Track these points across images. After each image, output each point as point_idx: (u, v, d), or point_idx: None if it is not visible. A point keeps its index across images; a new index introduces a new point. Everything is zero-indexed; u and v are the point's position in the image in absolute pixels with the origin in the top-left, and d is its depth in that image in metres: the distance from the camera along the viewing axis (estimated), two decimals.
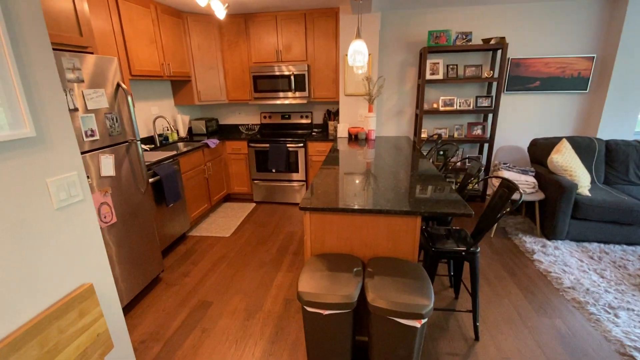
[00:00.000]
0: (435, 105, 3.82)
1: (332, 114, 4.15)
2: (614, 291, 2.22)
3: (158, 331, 2.01)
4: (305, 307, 1.43)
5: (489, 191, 3.92)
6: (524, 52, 3.63)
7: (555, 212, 2.83)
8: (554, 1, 3.42)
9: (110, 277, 1.29)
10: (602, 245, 2.82)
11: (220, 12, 2.79)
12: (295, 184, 3.94)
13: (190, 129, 4.20)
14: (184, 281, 2.51)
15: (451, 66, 3.67)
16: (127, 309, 2.20)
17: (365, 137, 3.64)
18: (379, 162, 2.50)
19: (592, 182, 3.17)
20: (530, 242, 2.90)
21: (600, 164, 3.20)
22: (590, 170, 3.18)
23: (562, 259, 2.62)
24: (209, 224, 3.52)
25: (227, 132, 4.32)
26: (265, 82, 3.84)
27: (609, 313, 2.02)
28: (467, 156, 3.98)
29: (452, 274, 2.33)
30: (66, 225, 1.09)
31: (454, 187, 2.15)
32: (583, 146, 3.19)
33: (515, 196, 2.83)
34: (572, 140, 3.21)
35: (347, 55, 3.59)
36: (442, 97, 3.76)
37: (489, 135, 3.75)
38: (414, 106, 4.02)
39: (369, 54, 3.56)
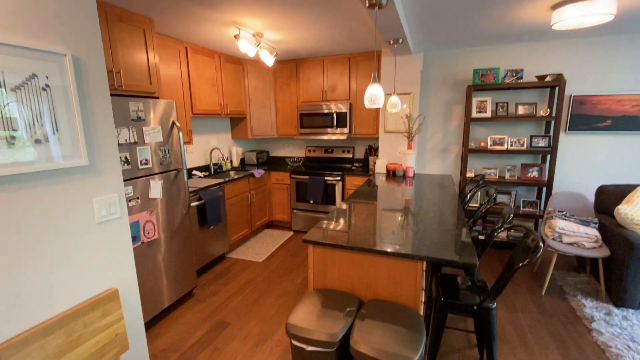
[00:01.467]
0: (483, 144, 3.61)
1: (374, 150, 4.20)
2: None
3: (178, 343, 2.19)
4: (291, 339, 1.46)
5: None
6: (590, 89, 3.27)
7: (623, 273, 2.37)
8: (618, 35, 3.08)
9: (135, 286, 1.51)
10: None
11: (269, 60, 3.17)
12: None
13: (243, 160, 4.65)
14: (212, 299, 2.71)
15: (501, 104, 3.48)
16: (157, 318, 2.46)
17: (403, 174, 3.59)
18: (405, 202, 2.45)
19: None
20: (591, 307, 2.44)
21: None
22: None
23: (629, 332, 2.15)
24: (247, 247, 3.75)
25: (275, 164, 4.66)
26: (310, 119, 4.12)
27: None
28: (522, 202, 3.61)
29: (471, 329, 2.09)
30: (104, 237, 1.35)
31: (493, 228, 1.99)
32: None
33: (536, 244, 2.45)
34: None
35: (388, 94, 3.68)
36: (490, 136, 3.55)
37: (546, 179, 3.37)
38: (461, 144, 3.85)
39: (410, 93, 3.60)
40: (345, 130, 3.97)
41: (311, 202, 4.05)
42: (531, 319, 2.38)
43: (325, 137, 4.09)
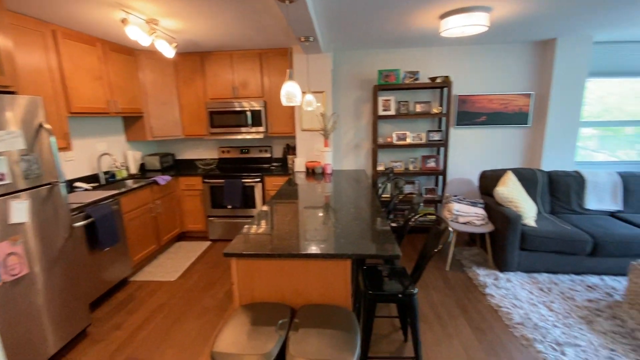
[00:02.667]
0: (389, 140, 3.91)
1: (292, 149, 4.15)
2: (562, 325, 2.20)
3: None
4: None
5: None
6: (470, 89, 3.85)
7: (504, 243, 2.86)
8: (492, 44, 3.71)
9: None
10: (551, 275, 2.85)
11: (169, 52, 2.79)
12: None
13: (143, 166, 4.04)
14: (113, 335, 2.26)
15: (402, 102, 3.82)
16: None
17: (322, 171, 3.64)
18: (325, 198, 2.46)
19: (539, 212, 3.26)
20: (484, 275, 2.88)
21: (544, 195, 3.33)
22: (535, 201, 3.29)
23: (513, 292, 2.60)
24: (155, 266, 3.28)
25: (184, 168, 4.20)
26: (222, 118, 3.82)
27: (556, 350, 1.98)
28: (425, 189, 4.05)
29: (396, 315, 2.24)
30: None
31: (407, 217, 2.12)
32: (527, 177, 3.32)
33: (446, 229, 2.84)
34: (517, 172, 3.34)
35: (303, 92, 3.66)
36: (395, 132, 3.86)
37: (442, 168, 3.85)
38: (371, 140, 4.10)
39: (323, 91, 3.65)
40: (261, 129, 3.81)
41: (229, 207, 3.78)
42: (440, 294, 2.67)
43: (239, 137, 3.85)
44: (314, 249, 1.53)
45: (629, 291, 2.37)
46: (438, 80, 3.57)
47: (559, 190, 3.30)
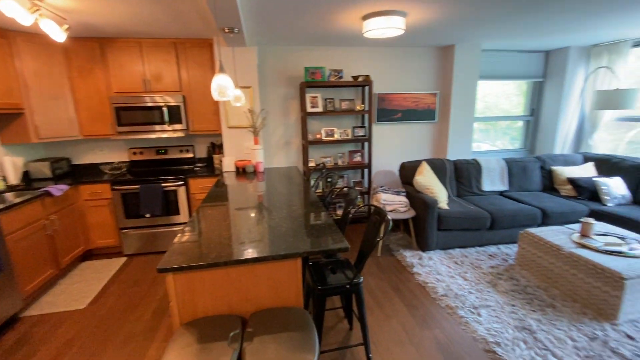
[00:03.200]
0: (318, 136, 3.99)
1: (218, 147, 3.89)
2: (475, 291, 2.57)
3: None
4: None
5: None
6: (387, 88, 4.18)
7: (425, 226, 3.21)
8: (406, 47, 4.08)
9: None
10: (462, 250, 3.32)
11: (58, 35, 2.31)
12: (177, 227, 3.46)
13: (26, 174, 3.29)
14: None
15: (329, 99, 3.93)
16: None
17: (254, 170, 3.51)
18: (260, 198, 2.38)
19: (449, 196, 3.75)
20: (410, 256, 3.19)
21: (452, 180, 3.84)
22: (446, 187, 3.78)
23: (435, 268, 2.95)
24: (56, 295, 2.72)
25: (85, 174, 3.55)
26: (131, 114, 3.35)
27: (474, 313, 2.31)
28: (353, 182, 4.26)
29: (345, 304, 2.32)
30: None
31: (339, 213, 2.18)
32: (438, 166, 3.77)
33: (394, 215, 3.09)
34: (430, 162, 3.77)
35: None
36: (323, 128, 3.96)
37: (367, 161, 4.10)
38: (301, 137, 4.12)
39: (250, 87, 3.51)
40: (181, 126, 3.47)
41: (147, 216, 3.35)
42: (376, 279, 2.86)
43: (154, 136, 3.44)
44: (262, 252, 1.46)
45: (519, 255, 2.91)
46: (360, 79, 3.77)
47: (462, 176, 3.85)
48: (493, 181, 3.87)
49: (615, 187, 3.38)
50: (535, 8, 2.65)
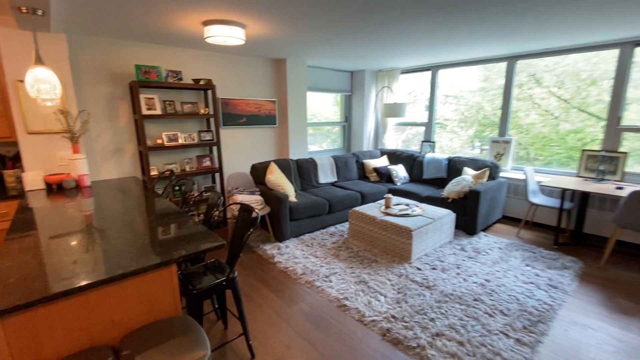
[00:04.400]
0: (159, 141, 3.66)
1: (10, 160, 2.92)
2: (325, 264, 3.12)
3: None
4: None
5: (229, 215, 4.30)
6: (231, 93, 4.30)
7: (279, 219, 3.57)
8: (248, 56, 4.30)
9: None
10: (310, 234, 3.89)
11: None
12: None
13: None
14: None
15: (168, 102, 3.67)
16: None
17: (76, 185, 2.87)
18: (104, 214, 2.06)
19: (295, 190, 4.28)
20: (269, 249, 3.47)
21: (296, 177, 4.40)
22: (292, 182, 4.29)
23: (292, 254, 3.35)
24: None
25: None
26: None
27: (326, 281, 2.82)
28: (204, 188, 4.14)
29: (216, 306, 2.34)
30: None
31: (197, 220, 2.17)
32: (284, 166, 4.24)
33: (255, 215, 3.28)
34: (277, 162, 4.19)
35: (21, 81, 2.66)
36: (164, 133, 3.68)
37: (217, 166, 4.10)
38: (136, 143, 3.65)
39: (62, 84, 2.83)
40: None
41: None
42: (242, 276, 2.98)
43: None
44: (132, 266, 1.35)
45: (350, 230, 3.72)
46: (202, 83, 3.73)
47: (304, 172, 4.48)
48: (326, 175, 4.70)
49: (401, 172, 4.82)
50: (344, 40, 3.45)
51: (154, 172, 3.62)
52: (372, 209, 3.64)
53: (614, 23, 2.85)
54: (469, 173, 4.15)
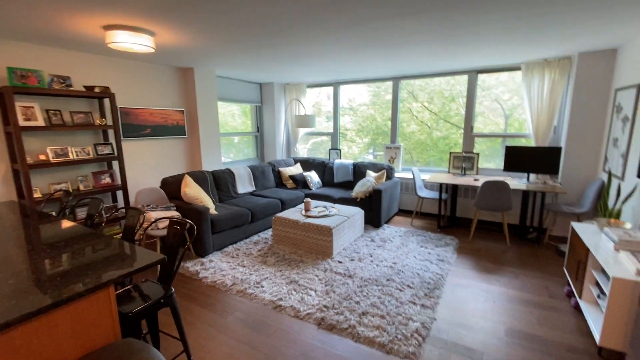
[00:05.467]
0: (43, 157, 3.11)
1: None
2: (254, 272, 3.18)
3: None
4: None
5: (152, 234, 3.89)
6: (132, 102, 3.93)
7: (201, 233, 3.45)
8: (153, 63, 4.00)
9: None
10: (234, 245, 3.86)
11: None
12: None
13: None
14: None
15: (53, 111, 3.16)
16: None
17: None
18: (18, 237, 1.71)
19: (214, 202, 4.18)
20: (192, 266, 3.32)
21: (213, 189, 4.29)
22: (209, 195, 4.17)
23: (218, 267, 3.29)
24: None
25: None
26: None
27: (258, 287, 2.89)
28: (104, 207, 3.66)
29: (145, 331, 2.17)
30: None
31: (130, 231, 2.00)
32: (200, 178, 4.09)
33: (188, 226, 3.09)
34: (192, 175, 4.02)
35: None
36: (50, 147, 3.14)
37: (119, 182, 3.69)
38: (9, 160, 3.00)
39: None
40: None
41: None
42: None
43: None
44: (65, 293, 1.23)
45: (274, 235, 3.85)
46: (97, 90, 3.34)
47: (221, 183, 4.41)
48: (244, 185, 4.72)
49: (314, 177, 5.20)
50: (249, 55, 3.61)
51: (37, 195, 3.04)
52: (293, 214, 3.86)
53: (462, 57, 3.81)
54: (371, 175, 4.80)
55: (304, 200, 3.93)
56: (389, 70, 4.63)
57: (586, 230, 2.57)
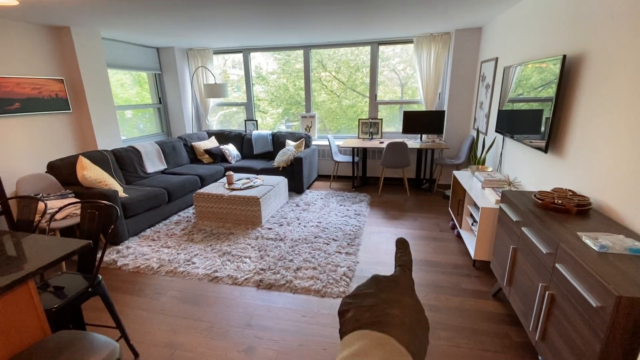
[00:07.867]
0: None
1: None
2: (182, 250, 3.08)
3: None
4: None
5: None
6: None
7: (110, 219, 3.11)
8: (14, 21, 3.13)
9: None
10: (152, 228, 3.60)
11: None
12: None
13: None
14: None
15: None
16: None
17: None
18: None
19: (122, 185, 3.74)
20: (106, 255, 3.01)
21: (117, 170, 3.82)
22: (113, 177, 3.71)
23: (138, 252, 3.06)
24: None
25: None
26: None
27: (189, 264, 2.84)
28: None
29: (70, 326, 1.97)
30: None
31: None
32: (99, 159, 3.58)
33: (109, 204, 2.70)
34: (88, 156, 3.48)
35: None
36: None
37: None
38: None
39: None
40: None
41: None
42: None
43: None
44: None
45: (197, 212, 3.72)
46: None
47: (126, 163, 3.94)
48: (154, 163, 4.31)
49: (233, 150, 5.07)
50: (141, 11, 3.20)
51: None
52: (217, 188, 3.77)
53: (364, 29, 4.12)
54: (290, 144, 4.94)
55: (226, 174, 3.85)
56: (300, 38, 4.67)
57: (463, 176, 3.28)
